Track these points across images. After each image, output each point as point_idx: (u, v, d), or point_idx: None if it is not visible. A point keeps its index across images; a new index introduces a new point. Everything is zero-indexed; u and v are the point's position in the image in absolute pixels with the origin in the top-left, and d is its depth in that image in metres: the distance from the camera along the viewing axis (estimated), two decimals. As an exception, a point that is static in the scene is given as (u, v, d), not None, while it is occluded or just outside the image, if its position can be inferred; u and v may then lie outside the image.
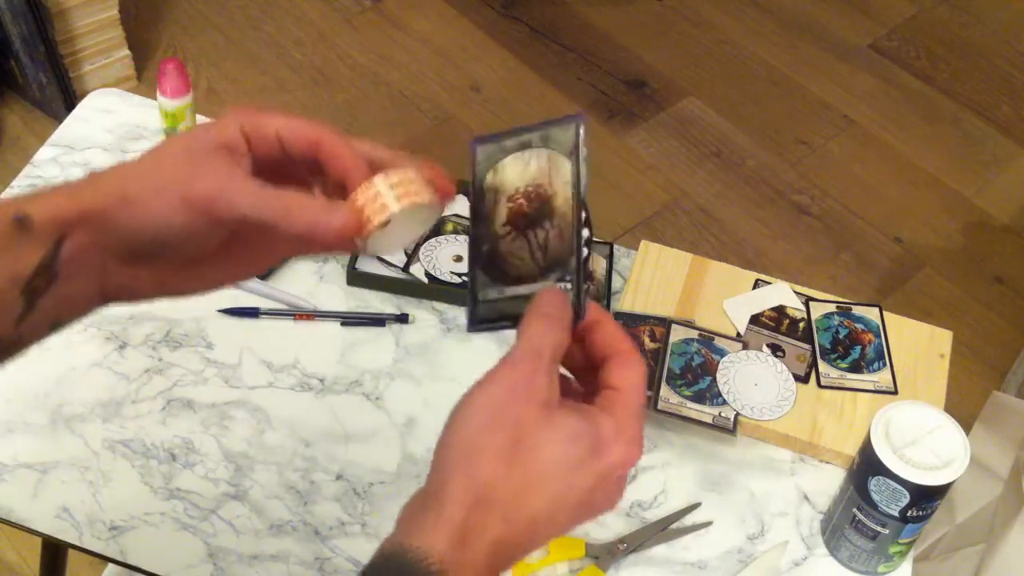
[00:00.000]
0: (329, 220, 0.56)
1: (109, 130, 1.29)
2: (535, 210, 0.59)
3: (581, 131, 0.59)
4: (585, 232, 0.57)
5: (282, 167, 0.59)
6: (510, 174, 0.61)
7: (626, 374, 0.55)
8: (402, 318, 1.13)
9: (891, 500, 0.92)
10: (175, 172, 0.56)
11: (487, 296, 0.59)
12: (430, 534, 0.50)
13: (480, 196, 0.61)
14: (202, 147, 0.57)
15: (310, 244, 0.60)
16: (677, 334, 1.11)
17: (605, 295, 1.16)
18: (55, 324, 0.59)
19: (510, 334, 0.58)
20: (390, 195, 0.57)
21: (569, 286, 0.57)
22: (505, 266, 0.59)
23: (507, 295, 0.59)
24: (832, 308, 1.16)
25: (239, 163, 0.58)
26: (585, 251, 0.57)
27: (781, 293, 1.17)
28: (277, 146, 0.59)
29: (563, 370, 0.56)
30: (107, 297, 0.60)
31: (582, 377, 0.58)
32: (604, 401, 0.54)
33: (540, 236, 0.58)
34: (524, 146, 0.61)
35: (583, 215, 0.58)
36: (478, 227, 0.61)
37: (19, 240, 0.55)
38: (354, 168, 0.58)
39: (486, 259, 0.60)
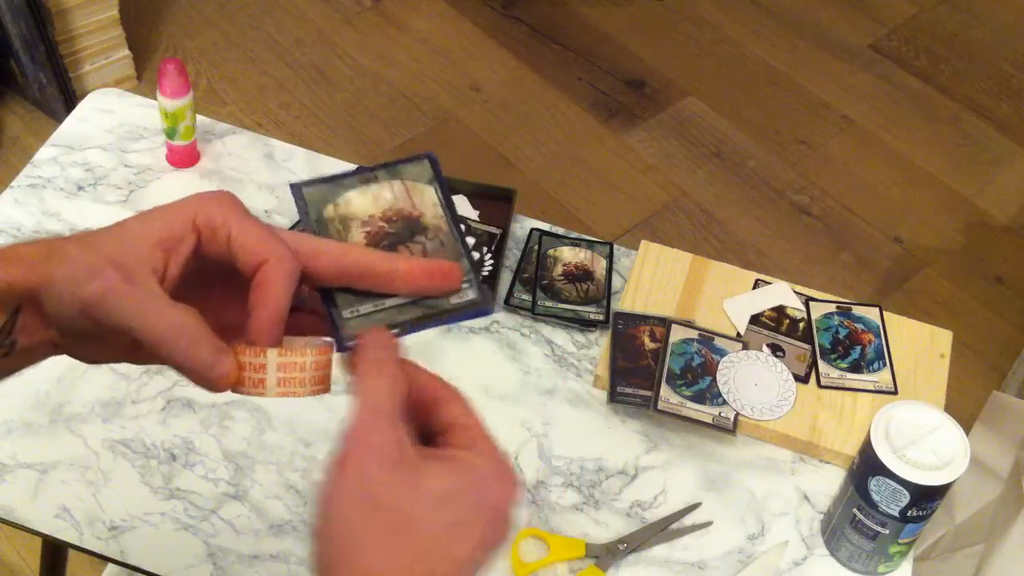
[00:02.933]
0: (212, 366, 0.53)
1: (109, 130, 1.29)
2: (400, 228, 0.58)
3: (437, 165, 0.60)
4: (471, 239, 0.57)
5: (230, 267, 0.56)
6: (358, 203, 0.59)
7: (466, 410, 0.53)
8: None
9: (891, 500, 0.92)
10: (90, 261, 0.52)
11: (359, 311, 0.57)
12: None
13: (320, 229, 0.58)
14: (139, 239, 0.54)
15: (188, 374, 0.55)
16: (677, 334, 1.11)
17: (605, 295, 1.16)
18: (11, 372, 0.57)
19: (510, 333, 0.58)
20: (273, 376, 0.54)
21: (467, 285, 0.57)
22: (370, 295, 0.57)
23: (388, 305, 0.57)
24: (832, 308, 1.16)
25: (173, 259, 0.54)
26: (476, 255, 0.57)
27: (781, 293, 1.17)
28: (225, 250, 0.55)
29: None
30: (80, 357, 0.57)
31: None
32: (462, 439, 0.52)
33: (416, 250, 0.58)
34: (368, 181, 0.59)
35: (462, 227, 0.57)
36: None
37: None
38: (270, 323, 0.54)
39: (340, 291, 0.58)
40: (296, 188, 0.59)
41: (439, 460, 0.50)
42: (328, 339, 0.57)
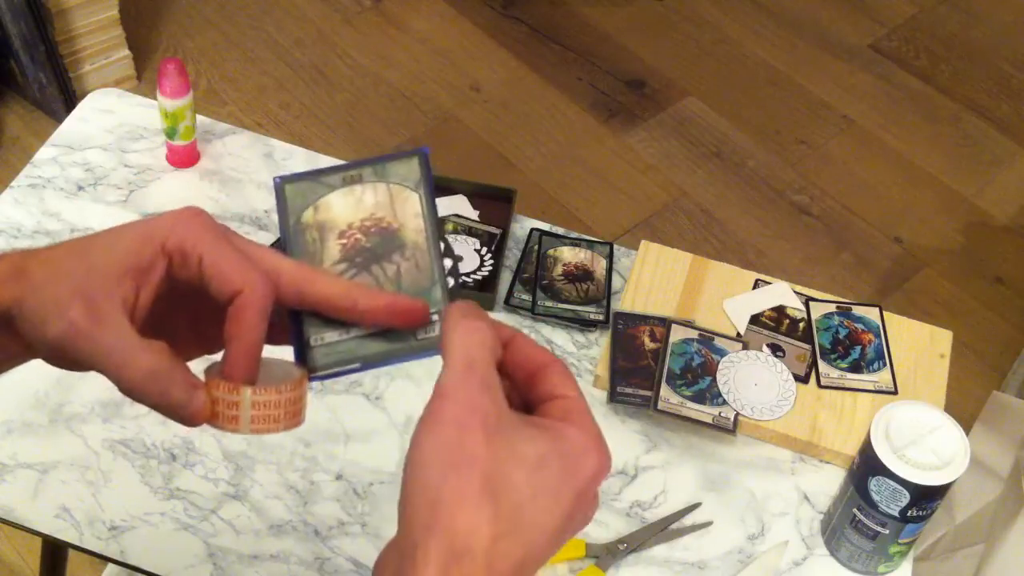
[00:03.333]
0: (185, 405, 0.53)
1: (109, 130, 1.29)
2: (377, 244, 0.56)
3: (427, 163, 0.57)
4: (447, 262, 0.56)
5: (201, 293, 0.54)
6: (339, 209, 0.57)
7: (567, 383, 0.51)
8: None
9: (891, 500, 0.92)
10: (57, 293, 0.51)
11: (324, 339, 0.55)
12: None
13: (296, 236, 0.57)
14: (108, 267, 0.52)
15: (161, 412, 0.55)
16: (677, 334, 1.11)
17: (605, 295, 1.16)
18: None
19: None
20: (247, 414, 0.54)
21: (436, 318, 0.55)
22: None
23: (353, 335, 0.55)
24: (832, 308, 1.16)
25: (144, 288, 0.53)
26: (451, 280, 0.55)
27: (781, 293, 1.17)
28: (197, 275, 0.54)
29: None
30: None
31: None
32: (559, 411, 0.50)
33: (390, 270, 0.56)
34: (352, 180, 0.57)
35: (442, 246, 0.56)
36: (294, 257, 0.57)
37: None
38: (246, 357, 0.53)
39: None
40: (278, 185, 0.58)
41: (535, 427, 0.49)
42: (302, 368, 0.56)
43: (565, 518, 0.48)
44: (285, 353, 0.57)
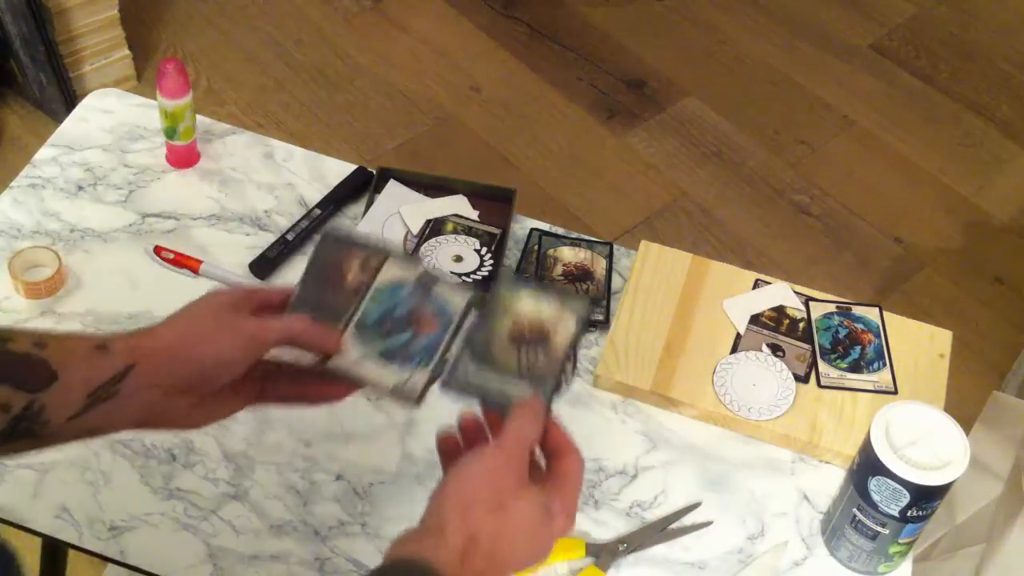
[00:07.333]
0: (328, 337, 0.80)
1: (109, 130, 1.29)
2: (533, 337, 0.77)
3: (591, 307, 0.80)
4: (568, 367, 0.77)
5: None
6: (525, 305, 0.78)
7: (569, 465, 0.73)
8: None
9: (891, 500, 0.92)
10: (219, 322, 0.76)
11: (465, 366, 0.77)
12: (432, 553, 0.66)
13: (493, 307, 0.78)
14: (222, 305, 0.77)
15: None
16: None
17: (605, 295, 1.16)
18: (92, 431, 0.73)
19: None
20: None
21: (542, 399, 0.76)
22: (491, 359, 0.77)
23: (485, 373, 0.77)
24: (832, 308, 1.16)
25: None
26: (563, 382, 0.77)
27: (781, 293, 1.17)
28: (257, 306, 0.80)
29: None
30: (145, 423, 0.75)
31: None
32: (554, 484, 0.73)
33: (531, 355, 0.77)
34: (543, 291, 0.78)
35: (572, 359, 0.80)
36: (483, 320, 0.78)
37: (98, 358, 0.72)
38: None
39: (476, 344, 0.77)
40: (507, 272, 0.85)
41: (537, 490, 0.72)
42: None
43: (536, 547, 0.71)
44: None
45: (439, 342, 0.80)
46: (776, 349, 1.12)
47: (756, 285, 1.18)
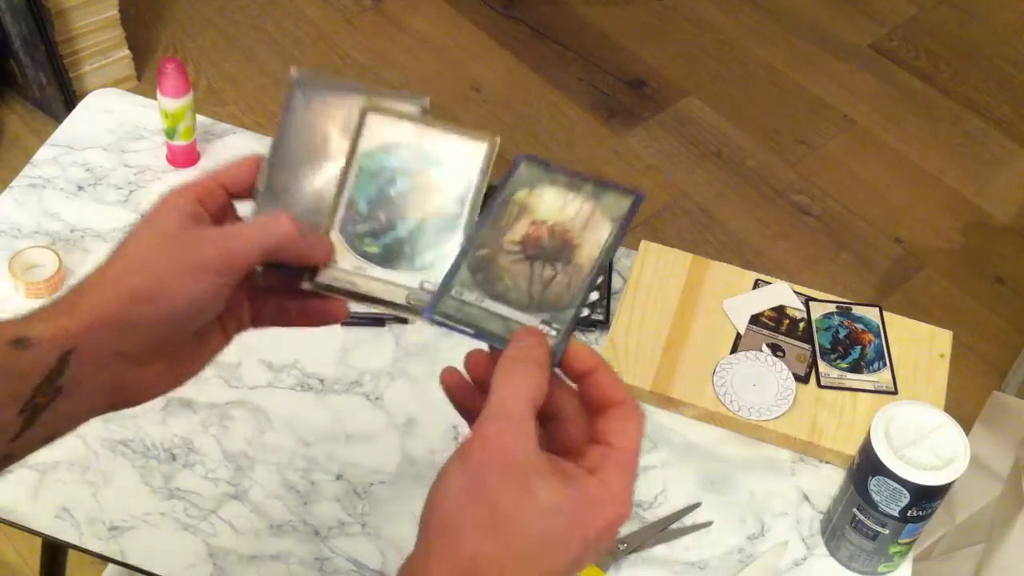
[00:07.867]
0: (317, 244, 0.61)
1: (109, 130, 1.29)
2: (553, 247, 0.58)
3: (636, 209, 0.59)
4: (594, 295, 0.58)
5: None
6: (547, 202, 0.60)
7: (623, 428, 0.53)
8: (402, 318, 1.13)
9: (891, 500, 0.92)
10: (172, 254, 0.57)
11: (461, 295, 0.58)
12: None
13: (502, 203, 0.60)
14: (175, 225, 0.58)
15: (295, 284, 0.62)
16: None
17: (605, 295, 1.16)
18: (49, 438, 0.58)
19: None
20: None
21: (554, 334, 0.56)
22: (494, 279, 0.58)
23: (483, 306, 0.57)
24: (832, 308, 1.16)
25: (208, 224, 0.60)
26: (586, 311, 0.57)
27: (781, 293, 1.17)
28: (225, 197, 0.62)
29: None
30: (113, 406, 0.60)
31: (575, 421, 0.55)
32: (594, 460, 0.53)
33: (546, 273, 0.58)
34: (573, 188, 0.60)
35: (599, 279, 0.58)
36: (484, 229, 0.60)
37: (19, 361, 0.54)
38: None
39: (477, 262, 0.59)
40: (516, 158, 0.61)
41: (560, 474, 0.51)
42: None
43: (571, 563, 0.50)
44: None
45: (455, 225, 0.62)
46: (776, 349, 1.12)
47: (756, 285, 1.18)
